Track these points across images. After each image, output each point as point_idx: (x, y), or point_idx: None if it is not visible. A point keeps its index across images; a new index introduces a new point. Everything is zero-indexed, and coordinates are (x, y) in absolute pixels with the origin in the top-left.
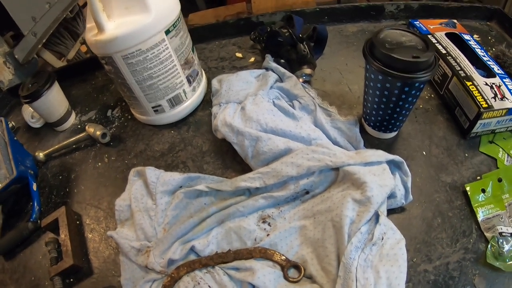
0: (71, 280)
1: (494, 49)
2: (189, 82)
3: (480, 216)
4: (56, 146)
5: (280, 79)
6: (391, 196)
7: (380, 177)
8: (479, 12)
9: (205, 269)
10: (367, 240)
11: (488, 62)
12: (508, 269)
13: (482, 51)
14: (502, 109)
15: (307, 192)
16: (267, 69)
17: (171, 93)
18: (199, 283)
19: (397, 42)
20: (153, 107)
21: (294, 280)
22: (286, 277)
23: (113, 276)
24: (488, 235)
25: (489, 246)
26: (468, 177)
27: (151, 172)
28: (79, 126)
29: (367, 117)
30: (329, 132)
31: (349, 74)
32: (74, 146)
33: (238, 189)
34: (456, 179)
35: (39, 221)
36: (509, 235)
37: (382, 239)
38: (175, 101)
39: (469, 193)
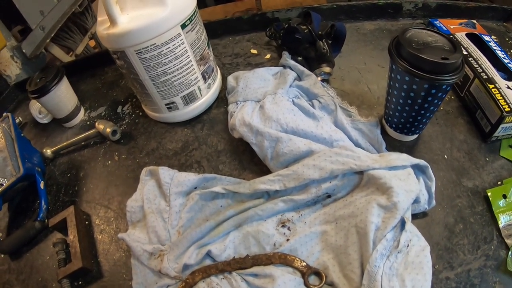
0: (80, 283)
1: None
2: (204, 78)
3: (502, 222)
4: (65, 143)
5: (299, 77)
6: (415, 201)
7: (406, 182)
8: (496, 13)
9: (221, 275)
10: (392, 248)
11: (509, 65)
12: None
13: (503, 53)
14: None
15: (329, 196)
16: (284, 66)
17: (185, 90)
18: None
19: (424, 42)
20: (166, 104)
21: (315, 287)
22: (306, 284)
23: (124, 280)
24: (509, 242)
25: (509, 253)
26: (489, 182)
27: (165, 172)
28: (88, 123)
29: (389, 118)
30: (350, 133)
31: (367, 74)
32: (83, 143)
33: (257, 192)
34: (477, 183)
35: (46, 220)
36: None
37: (408, 246)
38: (189, 98)
39: (490, 198)
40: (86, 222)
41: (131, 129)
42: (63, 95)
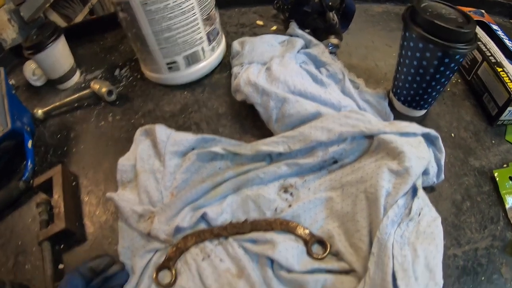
0: (62, 246)
1: None
2: (209, 40)
3: (508, 203)
4: (57, 103)
5: (306, 46)
6: (424, 173)
7: (417, 149)
8: (503, 8)
9: (216, 240)
10: (403, 215)
11: None
12: None
13: (510, 42)
14: None
15: (335, 162)
16: (292, 36)
17: (189, 50)
18: (209, 256)
19: (438, 13)
20: (167, 64)
21: (319, 257)
22: (310, 253)
23: (110, 244)
24: None
25: None
26: (496, 163)
27: (162, 130)
28: (83, 85)
29: (398, 91)
30: (358, 102)
31: (375, 51)
32: (76, 104)
33: (259, 154)
34: (484, 164)
35: (31, 181)
36: None
37: (419, 215)
38: (192, 59)
39: (497, 179)
40: (74, 183)
41: (128, 91)
42: (60, 54)
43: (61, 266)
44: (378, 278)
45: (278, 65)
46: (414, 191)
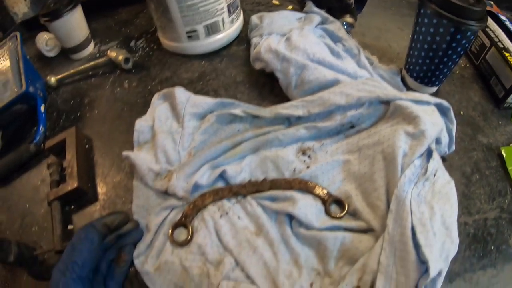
0: (72, 207)
1: None
2: (229, 12)
3: None
4: (72, 71)
5: (323, 23)
6: (436, 142)
7: (431, 116)
8: (511, 4)
9: (234, 199)
10: (420, 175)
11: None
12: None
13: None
14: None
15: (352, 127)
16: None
17: (209, 19)
18: (227, 213)
19: None
20: (187, 32)
21: (337, 216)
22: (328, 213)
23: (124, 203)
24: None
25: None
26: (503, 142)
27: (181, 93)
28: (97, 55)
29: (411, 67)
30: (373, 76)
31: (387, 33)
32: (90, 72)
33: (278, 117)
34: (491, 141)
35: (42, 144)
36: None
37: (434, 175)
38: (212, 29)
39: (504, 155)
40: (87, 146)
41: (144, 60)
42: (76, 22)
43: (70, 226)
44: (397, 234)
45: (298, 36)
46: (429, 153)
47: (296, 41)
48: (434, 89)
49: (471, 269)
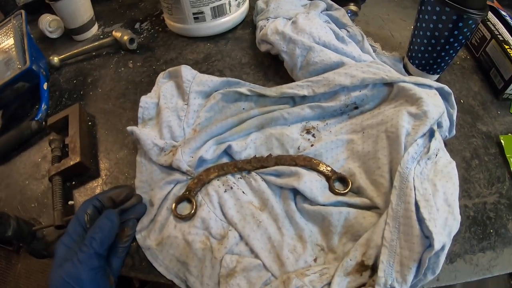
0: (73, 183)
1: None
2: None
3: None
4: (75, 51)
5: (327, 10)
6: (438, 126)
7: (433, 99)
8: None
9: (239, 174)
10: (422, 153)
11: None
12: None
13: None
14: None
15: (356, 107)
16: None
17: (216, 1)
18: (231, 188)
19: None
20: (194, 14)
21: (341, 192)
22: (332, 189)
23: (126, 178)
24: None
25: None
26: (501, 131)
27: (187, 70)
28: (101, 37)
29: (413, 54)
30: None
31: (390, 23)
32: (94, 53)
33: (283, 96)
34: (490, 130)
35: (44, 122)
36: None
37: (436, 155)
38: (218, 11)
39: (503, 143)
40: (90, 123)
41: (149, 42)
42: (81, 2)
43: (71, 202)
44: (401, 209)
45: (304, 19)
46: (431, 134)
47: (303, 24)
48: (435, 77)
49: (471, 250)
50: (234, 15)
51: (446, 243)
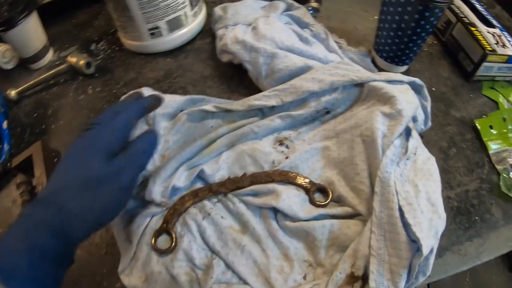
0: None
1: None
2: (192, 5)
3: (491, 149)
4: (32, 82)
5: (288, 10)
6: (413, 120)
7: (406, 95)
8: None
9: (215, 198)
10: (401, 154)
11: (488, 16)
12: None
13: (482, 8)
14: (504, 55)
15: (328, 112)
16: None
17: (171, 14)
18: (209, 214)
19: None
20: (149, 30)
21: (322, 203)
22: (312, 201)
23: None
24: (499, 167)
25: (501, 178)
26: (475, 115)
27: (148, 93)
28: (57, 63)
29: (380, 47)
30: (343, 59)
31: (353, 15)
32: (52, 81)
33: (251, 109)
34: (464, 115)
35: (9, 163)
36: None
37: (415, 154)
38: (174, 24)
39: (479, 127)
40: (55, 160)
41: (107, 63)
42: (32, 30)
43: None
44: (385, 216)
45: (264, 24)
46: (407, 132)
47: (263, 29)
48: (405, 68)
49: (458, 241)
50: (192, 26)
51: (434, 245)
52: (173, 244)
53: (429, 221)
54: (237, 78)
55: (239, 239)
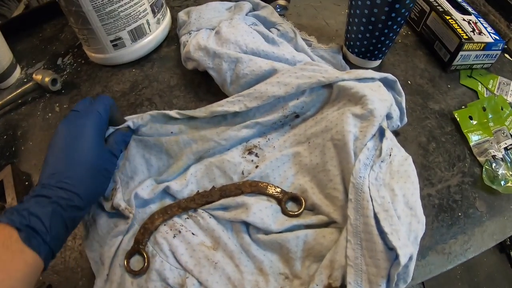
0: None
1: None
2: (154, 12)
3: (472, 141)
4: (0, 102)
5: (254, 10)
6: (387, 117)
7: (378, 92)
8: None
9: (185, 214)
10: (375, 157)
11: (462, 3)
12: (505, 191)
13: None
14: (481, 42)
15: (297, 116)
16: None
17: (133, 23)
18: (180, 232)
19: None
20: (112, 41)
21: (295, 213)
22: (285, 212)
23: (74, 238)
24: (481, 159)
25: (483, 170)
26: (454, 106)
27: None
28: (25, 80)
29: (351, 43)
30: (313, 58)
31: (324, 10)
32: (20, 100)
33: (214, 115)
34: (443, 107)
35: None
36: (500, 159)
37: (390, 155)
38: (137, 34)
39: (458, 119)
40: (26, 183)
41: (73, 78)
42: None
43: None
44: (360, 224)
45: (228, 27)
46: (381, 133)
47: (226, 33)
48: (378, 62)
49: (442, 239)
50: (156, 34)
51: (413, 252)
52: (146, 264)
53: (408, 225)
54: (204, 85)
55: (211, 256)
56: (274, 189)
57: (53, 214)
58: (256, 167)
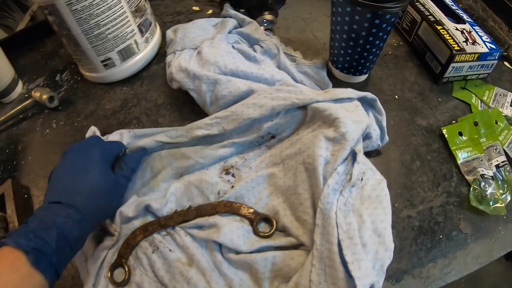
0: None
1: (461, 4)
2: (141, 32)
3: (460, 159)
4: (2, 117)
5: (240, 26)
6: (366, 137)
7: (354, 113)
8: None
9: (164, 231)
10: (345, 181)
11: (457, 11)
12: (493, 212)
13: (451, 1)
14: (474, 53)
15: (273, 137)
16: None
17: (121, 44)
18: (158, 248)
19: None
20: (102, 61)
21: (266, 234)
22: (256, 232)
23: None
24: (469, 178)
25: (471, 189)
26: (444, 121)
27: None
28: (26, 95)
29: (335, 58)
30: (295, 75)
31: (313, 22)
32: (21, 116)
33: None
34: (431, 122)
35: None
36: (490, 178)
37: (362, 179)
38: (126, 53)
39: (446, 136)
40: (25, 196)
41: (70, 94)
42: None
43: None
44: (325, 250)
45: (208, 48)
46: (353, 156)
47: (207, 54)
48: (364, 77)
49: (419, 263)
50: (145, 53)
51: (375, 282)
52: (127, 276)
53: (374, 253)
54: (189, 104)
55: (185, 272)
56: (247, 210)
57: (58, 235)
58: (232, 187)
